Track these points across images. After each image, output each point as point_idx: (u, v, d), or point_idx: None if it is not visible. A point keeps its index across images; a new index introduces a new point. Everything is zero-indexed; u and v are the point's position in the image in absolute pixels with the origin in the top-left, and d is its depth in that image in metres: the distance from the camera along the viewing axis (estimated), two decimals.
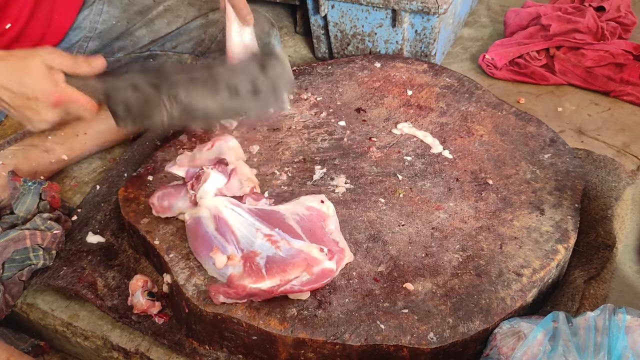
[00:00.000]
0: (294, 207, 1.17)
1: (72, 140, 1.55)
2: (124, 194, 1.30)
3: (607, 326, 0.95)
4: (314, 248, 1.08)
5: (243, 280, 1.03)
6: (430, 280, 1.11)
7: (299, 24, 2.14)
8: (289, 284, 1.04)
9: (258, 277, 1.03)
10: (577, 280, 1.22)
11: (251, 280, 1.03)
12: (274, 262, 1.05)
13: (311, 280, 1.05)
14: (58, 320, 1.23)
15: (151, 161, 1.39)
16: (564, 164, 1.36)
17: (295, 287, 1.05)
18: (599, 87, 1.80)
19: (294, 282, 1.04)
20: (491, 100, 1.55)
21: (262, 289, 1.03)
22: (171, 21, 1.61)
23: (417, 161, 1.36)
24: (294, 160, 1.38)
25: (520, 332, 0.99)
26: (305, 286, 1.05)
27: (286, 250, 1.07)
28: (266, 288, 1.03)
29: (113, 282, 1.24)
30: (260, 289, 1.03)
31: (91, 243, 1.32)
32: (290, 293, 1.06)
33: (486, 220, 1.22)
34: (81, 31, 1.54)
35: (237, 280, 1.03)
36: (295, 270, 1.04)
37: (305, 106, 1.54)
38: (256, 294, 1.04)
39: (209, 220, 1.13)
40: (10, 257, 1.22)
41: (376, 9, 1.77)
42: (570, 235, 1.19)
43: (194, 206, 1.18)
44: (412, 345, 1.01)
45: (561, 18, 1.91)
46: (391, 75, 1.65)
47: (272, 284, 1.03)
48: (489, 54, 1.89)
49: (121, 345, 1.17)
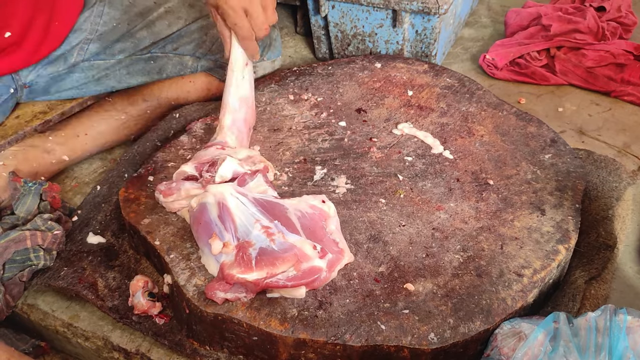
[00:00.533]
0: (298, 203, 1.18)
1: (72, 140, 1.55)
2: (125, 195, 1.30)
3: (608, 327, 0.94)
4: (307, 244, 1.07)
5: (232, 269, 1.03)
6: (431, 281, 1.11)
7: (299, 24, 2.15)
8: (274, 278, 1.04)
9: (247, 267, 1.03)
10: (578, 281, 1.22)
11: (240, 270, 1.03)
12: (265, 254, 1.05)
13: (297, 276, 1.05)
14: (59, 320, 1.23)
15: (152, 162, 1.39)
16: (564, 164, 1.35)
17: (280, 282, 1.04)
18: (599, 87, 1.80)
19: (279, 277, 1.04)
20: (492, 100, 1.55)
21: (248, 280, 1.03)
22: (172, 23, 1.61)
23: (418, 161, 1.36)
24: (294, 161, 1.38)
25: (521, 333, 0.99)
26: (290, 281, 1.04)
27: (280, 243, 1.07)
28: (252, 280, 1.03)
29: (114, 283, 1.24)
30: (246, 280, 1.03)
31: (92, 243, 1.32)
32: (276, 288, 1.05)
33: (487, 220, 1.22)
34: (82, 33, 1.54)
35: (227, 268, 1.03)
36: (284, 265, 1.04)
37: (305, 107, 1.54)
38: (244, 284, 1.04)
39: (213, 206, 1.13)
40: (10, 258, 1.22)
41: (377, 10, 1.77)
42: (571, 235, 1.19)
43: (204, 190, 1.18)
44: (413, 345, 1.01)
45: (562, 18, 1.91)
46: (392, 75, 1.65)
47: (259, 276, 1.03)
48: (490, 54, 1.89)
49: (122, 345, 1.17)
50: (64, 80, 1.55)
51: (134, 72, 1.60)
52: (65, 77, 1.55)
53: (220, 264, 1.06)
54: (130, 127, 1.63)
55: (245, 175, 1.19)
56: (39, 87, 1.54)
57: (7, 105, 1.49)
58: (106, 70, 1.58)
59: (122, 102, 1.62)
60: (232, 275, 1.03)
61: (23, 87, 1.52)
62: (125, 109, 1.61)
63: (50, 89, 1.56)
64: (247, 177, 1.19)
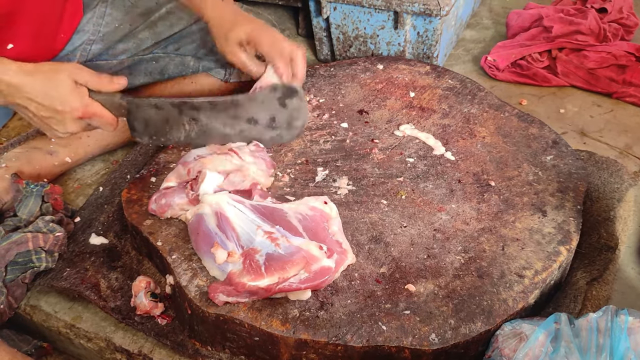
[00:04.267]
0: (298, 206, 1.18)
1: (75, 142, 1.55)
2: (127, 196, 1.31)
3: (609, 327, 0.94)
4: (313, 246, 1.08)
5: (242, 277, 1.03)
6: (432, 282, 1.11)
7: (301, 26, 2.15)
8: (287, 282, 1.04)
9: (257, 274, 1.03)
10: (579, 282, 1.22)
11: (250, 277, 1.03)
12: (273, 259, 1.05)
13: (309, 278, 1.05)
14: (61, 321, 1.23)
15: (154, 163, 1.40)
16: (566, 165, 1.36)
17: (294, 285, 1.04)
18: (601, 88, 1.80)
19: (292, 280, 1.04)
20: (493, 102, 1.55)
21: (260, 287, 1.03)
22: (174, 23, 1.61)
23: (420, 163, 1.37)
24: (296, 162, 1.38)
25: (522, 334, 0.99)
26: (304, 284, 1.05)
27: (285, 247, 1.07)
28: (264, 286, 1.03)
29: (116, 284, 1.24)
30: (259, 287, 1.03)
31: (94, 244, 1.32)
32: (288, 291, 1.05)
33: (488, 221, 1.22)
34: (84, 34, 1.54)
35: (237, 277, 1.03)
36: (294, 268, 1.04)
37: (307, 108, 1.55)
38: (255, 292, 1.04)
39: (211, 216, 1.13)
40: (12, 260, 1.22)
41: (378, 11, 1.78)
42: (573, 236, 1.19)
43: (195, 204, 1.18)
44: (414, 346, 1.01)
45: (563, 20, 1.91)
46: (393, 77, 1.65)
47: (271, 281, 1.03)
48: (491, 55, 1.89)
49: (124, 346, 1.17)
50: None
51: (136, 72, 1.60)
52: None
53: (228, 274, 1.05)
54: None
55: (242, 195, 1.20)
56: None
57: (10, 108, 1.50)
58: (109, 71, 1.58)
59: None
60: (243, 283, 1.02)
61: None
62: None
63: None
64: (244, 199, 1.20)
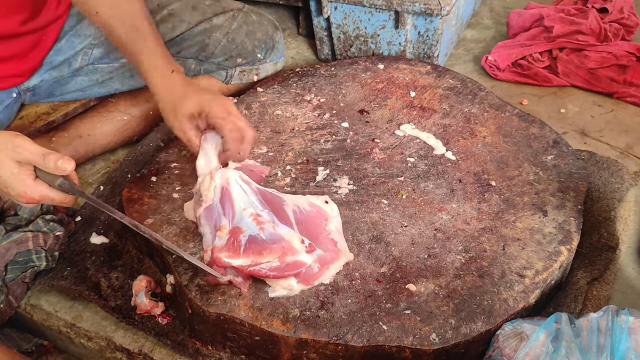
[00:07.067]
0: (298, 199, 1.20)
1: (76, 141, 1.55)
2: (128, 195, 1.31)
3: (610, 327, 0.94)
4: (295, 237, 1.09)
5: (222, 252, 1.07)
6: (433, 282, 1.11)
7: (301, 25, 2.15)
8: (258, 266, 1.06)
9: (235, 253, 1.07)
10: (580, 282, 1.22)
11: (228, 254, 1.07)
12: (255, 242, 1.08)
13: (279, 267, 1.07)
14: (62, 321, 1.23)
15: (155, 162, 1.40)
16: (567, 165, 1.36)
17: (262, 271, 1.07)
18: (602, 88, 1.80)
19: (262, 266, 1.06)
20: (494, 101, 1.55)
21: (233, 265, 1.06)
22: (175, 26, 1.61)
23: (420, 162, 1.37)
24: (297, 162, 1.38)
25: (522, 334, 0.99)
26: (272, 272, 1.07)
27: (269, 234, 1.09)
28: (237, 265, 1.06)
29: (116, 283, 1.24)
30: (231, 265, 1.06)
31: (95, 244, 1.32)
32: (257, 276, 1.08)
33: (489, 221, 1.22)
34: (86, 38, 1.54)
35: (217, 251, 1.07)
36: (270, 255, 1.07)
37: (308, 107, 1.55)
38: (231, 269, 1.08)
39: (218, 189, 1.16)
40: (13, 259, 1.22)
41: (379, 11, 1.78)
42: (573, 236, 1.19)
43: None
44: (415, 346, 1.01)
45: (564, 19, 1.91)
46: (394, 76, 1.65)
47: (244, 262, 1.06)
48: (492, 55, 1.89)
49: (125, 346, 1.17)
50: (68, 83, 1.56)
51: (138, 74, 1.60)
52: (69, 80, 1.56)
53: (212, 246, 1.09)
54: (133, 128, 1.63)
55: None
56: (42, 90, 1.54)
57: (12, 109, 1.50)
58: (110, 74, 1.58)
59: (125, 103, 1.62)
60: (220, 258, 1.07)
61: (26, 91, 1.52)
62: (128, 110, 1.62)
63: (54, 92, 1.56)
64: None
